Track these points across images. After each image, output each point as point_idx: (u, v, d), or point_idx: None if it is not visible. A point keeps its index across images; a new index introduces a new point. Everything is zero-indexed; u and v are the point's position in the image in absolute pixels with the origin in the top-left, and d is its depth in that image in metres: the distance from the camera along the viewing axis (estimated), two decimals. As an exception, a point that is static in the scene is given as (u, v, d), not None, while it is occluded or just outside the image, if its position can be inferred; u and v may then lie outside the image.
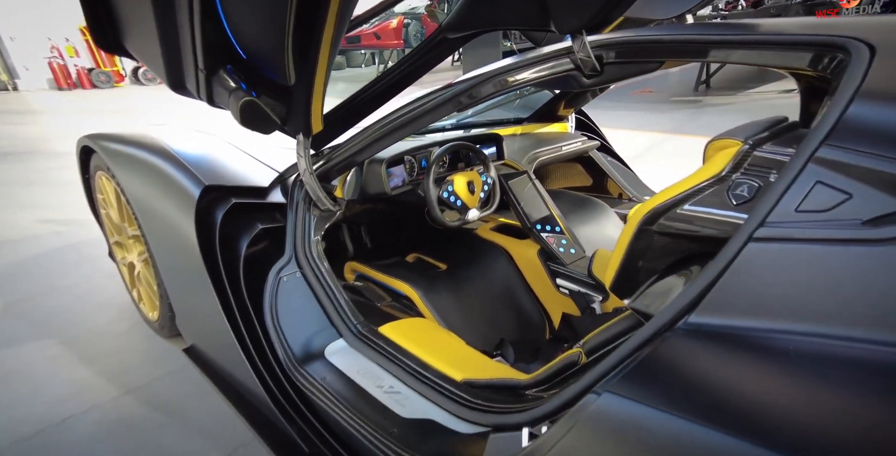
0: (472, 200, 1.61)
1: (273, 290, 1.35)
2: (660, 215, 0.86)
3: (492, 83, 1.17)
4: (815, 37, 0.77)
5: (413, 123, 1.29)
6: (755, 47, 0.85)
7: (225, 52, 1.10)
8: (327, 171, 1.48)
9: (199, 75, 1.09)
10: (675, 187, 0.87)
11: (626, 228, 0.92)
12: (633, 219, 0.90)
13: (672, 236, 0.86)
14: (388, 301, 1.58)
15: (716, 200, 0.81)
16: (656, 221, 0.87)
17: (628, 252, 0.91)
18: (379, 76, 1.51)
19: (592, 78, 1.11)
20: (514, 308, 1.69)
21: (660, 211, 0.86)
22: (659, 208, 0.86)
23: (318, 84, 1.18)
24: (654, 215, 0.87)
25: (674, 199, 0.85)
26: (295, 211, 1.48)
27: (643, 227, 0.88)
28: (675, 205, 0.85)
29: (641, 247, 0.90)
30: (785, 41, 0.80)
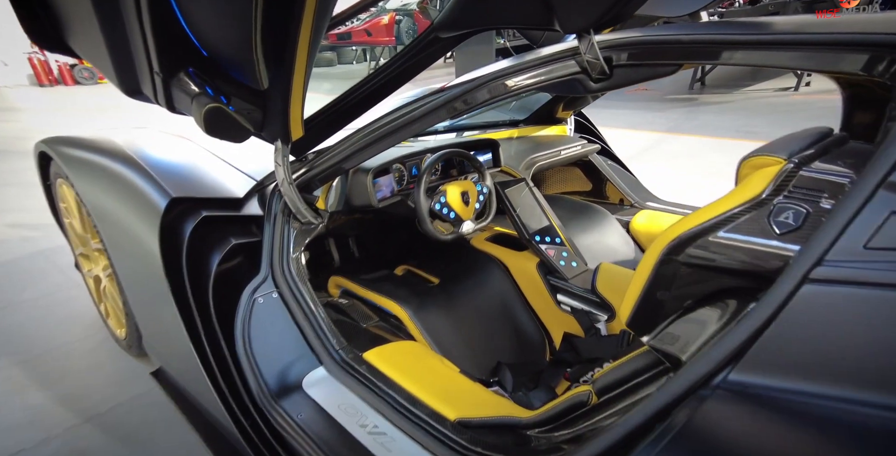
0: (467, 212, 1.49)
1: (246, 312, 1.22)
2: (687, 244, 0.74)
3: (489, 88, 1.05)
4: (873, 36, 0.65)
5: (402, 131, 1.17)
6: (798, 48, 0.73)
7: (185, 52, 0.97)
8: (308, 180, 1.36)
9: (156, 79, 0.96)
10: (704, 211, 0.75)
11: (648, 257, 0.80)
12: (655, 246, 0.79)
13: (702, 268, 0.75)
14: (375, 321, 1.46)
15: (754, 228, 0.70)
16: (683, 251, 0.75)
17: (650, 284, 0.80)
18: (365, 79, 1.38)
19: (600, 82, 1.00)
20: (511, 327, 1.57)
21: (687, 239, 0.74)
22: (686, 236, 0.74)
23: (297, 87, 1.07)
24: (680, 243, 0.75)
25: (704, 226, 0.73)
26: (272, 224, 1.35)
27: (668, 256, 0.76)
28: (706, 232, 0.73)
29: (665, 279, 0.78)
30: (836, 41, 0.68)
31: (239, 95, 1.13)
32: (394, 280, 1.69)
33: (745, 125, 4.85)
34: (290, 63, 0.98)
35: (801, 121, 4.69)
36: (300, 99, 1.11)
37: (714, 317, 0.76)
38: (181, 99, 0.99)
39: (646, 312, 0.82)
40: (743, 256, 0.70)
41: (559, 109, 2.18)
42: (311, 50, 0.99)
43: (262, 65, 0.98)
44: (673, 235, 0.76)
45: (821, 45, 0.70)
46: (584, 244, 1.88)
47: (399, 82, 1.39)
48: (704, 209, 0.76)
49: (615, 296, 1.42)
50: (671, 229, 0.78)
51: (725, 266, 0.72)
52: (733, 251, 0.71)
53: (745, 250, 0.70)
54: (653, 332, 0.84)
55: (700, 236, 0.73)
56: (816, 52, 0.71)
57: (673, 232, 0.77)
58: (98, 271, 1.80)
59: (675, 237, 0.76)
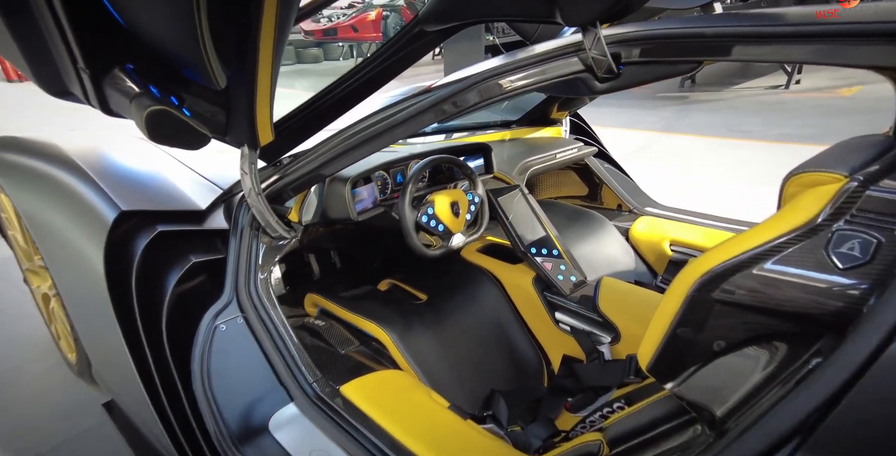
0: (457, 224, 1.35)
1: (206, 341, 1.07)
2: (724, 277, 0.62)
3: (481, 89, 0.92)
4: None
5: (384, 136, 1.03)
6: (847, 41, 0.61)
7: (119, 45, 0.82)
8: (280, 190, 1.22)
9: (83, 76, 0.80)
10: (744, 239, 0.62)
11: (674, 292, 0.67)
12: (684, 279, 0.66)
13: (742, 308, 0.62)
14: (356, 346, 1.32)
15: (809, 260, 0.57)
16: (719, 286, 0.62)
17: (676, 324, 0.67)
18: (343, 77, 1.23)
19: (607, 81, 0.87)
20: (506, 350, 1.44)
21: (724, 272, 0.61)
22: (723, 268, 0.61)
23: (263, 86, 0.93)
24: (715, 277, 0.62)
25: (745, 256, 0.60)
26: (239, 239, 1.21)
27: (699, 292, 0.64)
28: (748, 264, 0.60)
29: (695, 318, 0.65)
30: None
31: (198, 96, 0.99)
32: (377, 297, 1.54)
33: (738, 124, 4.77)
34: (253, 59, 0.85)
35: (794, 119, 4.63)
36: (268, 99, 0.98)
37: (756, 366, 0.63)
38: (118, 100, 0.84)
39: (671, 356, 0.70)
40: (795, 295, 0.57)
41: (554, 110, 2.05)
42: (278, 44, 0.85)
43: (216, 62, 0.83)
44: (706, 266, 0.63)
45: (879, 37, 0.58)
46: (581, 254, 1.75)
47: (381, 81, 1.25)
48: (744, 236, 0.63)
49: (619, 315, 1.29)
50: (703, 260, 0.65)
51: (772, 306, 0.59)
52: (782, 288, 0.58)
53: (797, 287, 0.57)
54: (678, 377, 0.71)
55: (740, 269, 0.61)
56: (872, 44, 0.59)
57: (705, 263, 0.64)
58: (45, 289, 1.63)
59: (708, 269, 0.63)
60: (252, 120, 1.00)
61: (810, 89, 5.72)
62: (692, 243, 1.74)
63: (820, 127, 4.32)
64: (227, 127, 1.06)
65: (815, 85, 5.86)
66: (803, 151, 2.95)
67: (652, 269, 1.84)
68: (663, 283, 1.76)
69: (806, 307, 0.57)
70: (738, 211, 2.98)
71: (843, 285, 0.54)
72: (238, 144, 1.09)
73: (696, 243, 1.73)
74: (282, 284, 1.78)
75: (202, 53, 0.77)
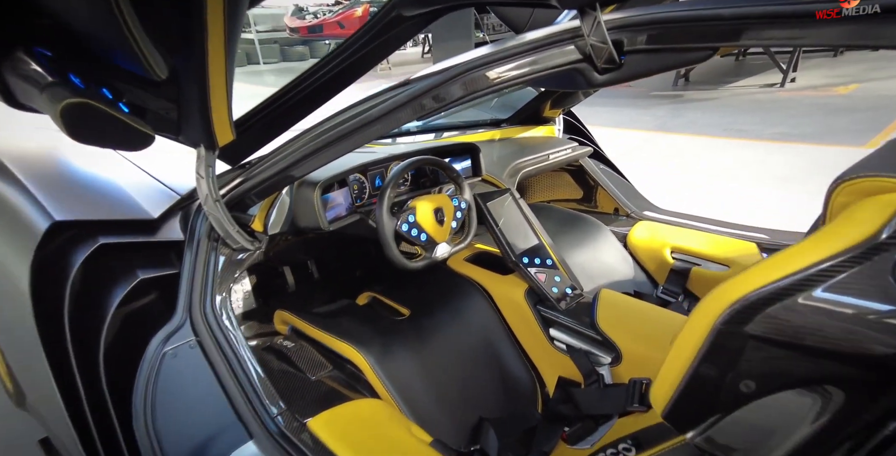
0: (441, 233, 1.22)
1: (152, 369, 0.94)
2: (759, 308, 0.49)
3: (465, 81, 0.80)
4: None
5: (356, 135, 0.91)
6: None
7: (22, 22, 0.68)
8: (241, 195, 1.08)
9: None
10: (784, 260, 0.50)
11: (695, 323, 0.55)
12: (708, 309, 0.53)
13: (783, 346, 0.49)
14: (328, 370, 1.18)
15: (870, 287, 0.45)
16: (753, 317, 0.50)
17: (699, 363, 0.54)
18: (312, 69, 1.10)
19: (608, 72, 0.76)
20: (496, 371, 1.31)
21: (760, 301, 0.49)
22: (757, 296, 0.49)
23: (216, 79, 0.80)
24: (749, 307, 0.50)
25: (787, 282, 0.48)
26: (195, 252, 1.08)
27: (728, 325, 0.51)
28: (791, 291, 0.48)
29: (723, 357, 0.53)
30: None
31: (144, 89, 0.85)
32: (354, 313, 1.41)
33: (733, 123, 4.69)
34: (201, 46, 0.72)
35: (790, 118, 4.55)
36: (224, 94, 0.85)
37: (803, 418, 0.51)
38: (25, 90, 0.70)
39: (692, 400, 0.57)
40: (853, 330, 0.45)
41: (547, 107, 1.93)
42: (230, 31, 0.73)
43: (148, 47, 0.70)
44: (736, 294, 0.51)
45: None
46: (576, 263, 1.63)
47: (356, 73, 1.12)
48: (783, 257, 0.50)
49: (620, 333, 1.17)
50: (733, 286, 0.52)
51: (824, 345, 0.47)
52: (837, 322, 0.46)
53: (856, 321, 0.45)
54: (700, 425, 0.58)
55: (781, 298, 0.48)
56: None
57: (735, 289, 0.51)
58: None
59: (739, 298, 0.50)
60: (207, 117, 0.87)
61: (806, 87, 5.65)
62: (695, 251, 1.62)
63: (818, 125, 4.24)
64: (179, 125, 0.92)
65: (811, 83, 5.79)
66: (802, 151, 2.85)
67: (652, 278, 1.72)
68: (665, 293, 1.64)
69: (869, 347, 0.45)
70: (739, 212, 2.88)
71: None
72: (193, 145, 0.96)
73: (700, 251, 1.61)
74: (252, 298, 1.65)
75: (126, 35, 0.63)
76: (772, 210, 2.89)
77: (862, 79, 5.66)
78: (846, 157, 3.56)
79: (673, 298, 1.62)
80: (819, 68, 6.48)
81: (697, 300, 1.62)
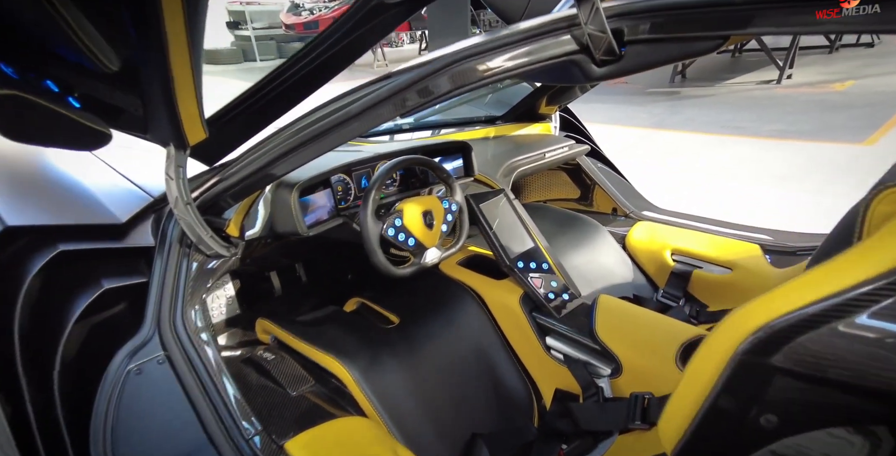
0: (431, 237, 1.15)
1: (115, 388, 0.86)
2: (789, 336, 0.42)
3: (452, 74, 0.73)
4: None
5: (334, 133, 0.84)
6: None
7: None
8: (214, 198, 1.01)
9: None
10: (816, 280, 0.43)
11: (711, 351, 0.48)
12: (726, 335, 0.47)
13: (820, 382, 0.43)
14: (310, 385, 1.11)
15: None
16: (781, 348, 0.43)
17: (715, 399, 0.48)
18: (290, 60, 1.02)
19: (607, 65, 0.69)
20: (489, 382, 1.24)
21: (789, 328, 0.42)
22: (786, 323, 0.42)
23: (181, 72, 0.73)
24: (776, 336, 0.43)
25: (823, 307, 0.41)
26: (165, 259, 1.00)
27: (752, 356, 0.44)
28: (828, 317, 0.41)
29: (743, 392, 0.46)
30: None
31: (98, 81, 0.78)
32: (341, 321, 1.34)
33: (731, 120, 4.63)
34: (157, 35, 0.64)
35: (788, 115, 4.50)
36: (192, 88, 0.78)
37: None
38: None
39: (708, 439, 0.50)
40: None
41: (542, 104, 1.86)
42: (192, 16, 0.65)
43: (90, 36, 0.62)
44: (758, 319, 0.44)
45: None
46: (573, 265, 1.56)
47: (339, 65, 1.05)
48: (815, 276, 0.44)
49: (619, 343, 1.11)
50: (753, 310, 0.45)
51: (868, 381, 0.40)
52: (888, 352, 0.39)
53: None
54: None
55: (815, 325, 0.41)
56: None
57: (758, 315, 0.44)
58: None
59: (764, 324, 0.43)
60: (173, 114, 0.80)
61: (802, 84, 5.60)
62: (696, 253, 1.56)
63: (815, 122, 4.19)
64: (146, 122, 0.85)
65: (807, 80, 5.74)
66: (800, 148, 2.78)
67: (652, 281, 1.66)
68: (665, 297, 1.58)
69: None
70: (738, 211, 2.83)
71: None
72: (162, 143, 0.89)
73: (701, 253, 1.55)
74: (235, 303, 1.57)
75: (57, 20, 0.56)
76: (771, 209, 2.84)
77: (857, 75, 5.62)
78: (845, 155, 3.49)
79: (674, 302, 1.55)
80: (814, 65, 6.44)
81: (699, 304, 1.56)
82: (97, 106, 0.79)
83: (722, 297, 1.49)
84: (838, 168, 3.15)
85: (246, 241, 1.07)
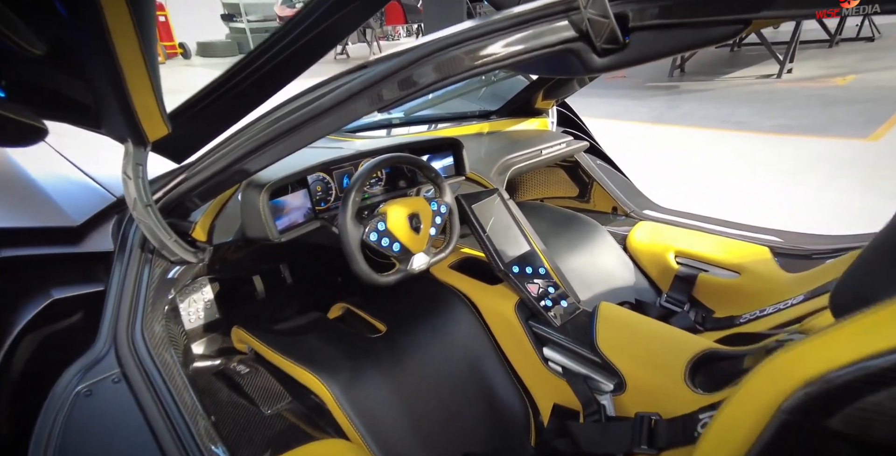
0: (418, 242, 1.06)
1: (59, 412, 0.77)
2: (852, 394, 0.34)
3: (438, 63, 0.64)
4: None
5: (303, 130, 0.76)
6: None
7: None
8: (179, 199, 0.92)
9: None
10: (884, 320, 0.34)
11: (744, 407, 0.39)
12: (762, 388, 0.38)
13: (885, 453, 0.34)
14: (286, 403, 1.02)
15: None
16: (842, 408, 0.34)
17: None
18: (264, 44, 0.92)
19: (610, 55, 0.61)
20: (482, 397, 1.16)
21: (851, 383, 0.34)
22: (846, 377, 0.34)
23: (130, 59, 0.65)
24: (832, 393, 0.34)
25: (888, 357, 0.32)
26: (125, 265, 0.91)
27: (798, 416, 0.36)
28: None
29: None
30: None
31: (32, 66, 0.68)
32: (322, 330, 1.25)
33: (731, 114, 4.54)
34: (93, 11, 0.55)
35: (789, 109, 4.41)
36: (146, 78, 0.69)
37: None
38: None
39: None
40: None
41: (539, 98, 1.76)
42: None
43: None
44: (809, 369, 0.35)
45: None
46: (571, 268, 1.48)
47: (314, 52, 0.95)
48: (881, 316, 0.35)
49: (623, 357, 1.02)
50: (801, 357, 0.37)
51: None
52: None
53: None
54: None
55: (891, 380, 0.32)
56: None
57: (807, 363, 0.36)
58: None
59: (816, 377, 0.35)
60: (126, 105, 0.71)
61: (803, 78, 5.52)
62: (702, 255, 1.48)
63: (818, 117, 4.10)
64: (98, 115, 0.76)
65: (807, 74, 5.65)
66: (804, 143, 2.67)
67: (655, 285, 1.57)
68: (669, 302, 1.49)
69: None
70: (739, 208, 2.74)
71: None
72: (119, 139, 0.79)
73: (707, 255, 1.47)
74: (214, 308, 1.48)
75: None
76: (778, 208, 2.76)
77: (859, 69, 5.54)
78: (851, 150, 3.40)
79: (678, 308, 1.47)
80: (814, 59, 6.35)
81: (705, 310, 1.48)
82: (37, 98, 0.70)
83: (729, 302, 1.41)
84: (845, 163, 3.06)
85: (214, 246, 0.98)
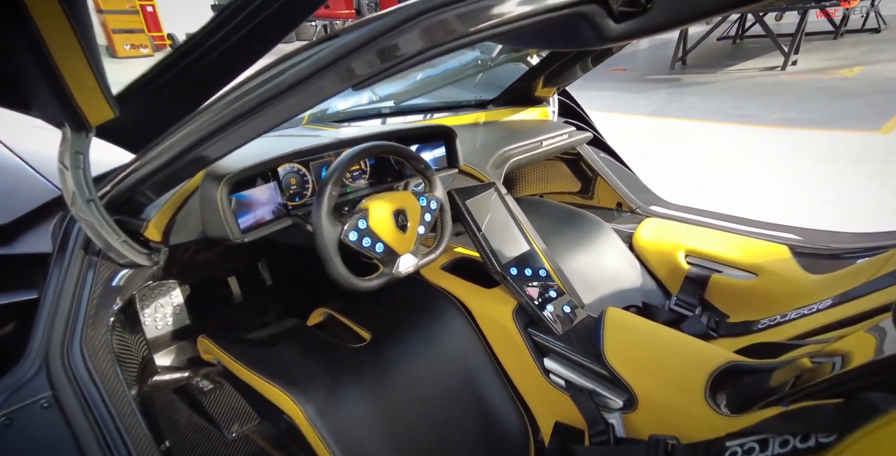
0: (404, 242, 0.95)
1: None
2: None
3: (423, 27, 0.52)
4: None
5: (266, 112, 0.63)
6: None
7: None
8: (127, 192, 0.80)
9: None
10: None
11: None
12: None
13: None
14: (254, 424, 0.91)
15: None
16: None
17: None
18: (225, 11, 0.79)
19: (628, 19, 0.50)
20: (476, 413, 1.05)
21: None
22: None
23: (51, 25, 0.54)
24: None
25: None
26: (64, 269, 0.80)
27: None
28: None
29: None
30: None
31: None
32: (299, 340, 1.13)
33: (735, 107, 4.43)
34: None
35: (793, 102, 4.30)
36: (77, 48, 0.58)
37: None
38: None
39: None
40: None
41: (539, 86, 1.64)
42: None
43: None
44: None
45: None
46: (573, 269, 1.37)
47: (290, 20, 0.82)
48: None
49: (634, 370, 0.91)
50: None
51: None
52: None
53: None
54: None
55: None
56: None
57: None
58: None
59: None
60: (58, 84, 0.59)
61: (809, 70, 5.40)
62: (714, 255, 1.37)
63: (827, 110, 3.99)
64: (26, 94, 0.64)
65: (813, 66, 5.54)
66: (812, 137, 2.53)
67: (664, 287, 1.46)
68: (679, 305, 1.38)
69: None
70: (744, 204, 2.63)
71: None
72: (56, 123, 0.68)
73: (720, 255, 1.36)
74: (184, 313, 1.36)
75: None
76: (791, 204, 2.65)
77: (865, 61, 5.42)
78: (862, 143, 3.28)
79: (689, 311, 1.36)
80: (819, 51, 6.23)
81: (718, 314, 1.37)
82: None
83: (745, 305, 1.30)
84: (858, 157, 2.94)
85: (171, 247, 0.86)
